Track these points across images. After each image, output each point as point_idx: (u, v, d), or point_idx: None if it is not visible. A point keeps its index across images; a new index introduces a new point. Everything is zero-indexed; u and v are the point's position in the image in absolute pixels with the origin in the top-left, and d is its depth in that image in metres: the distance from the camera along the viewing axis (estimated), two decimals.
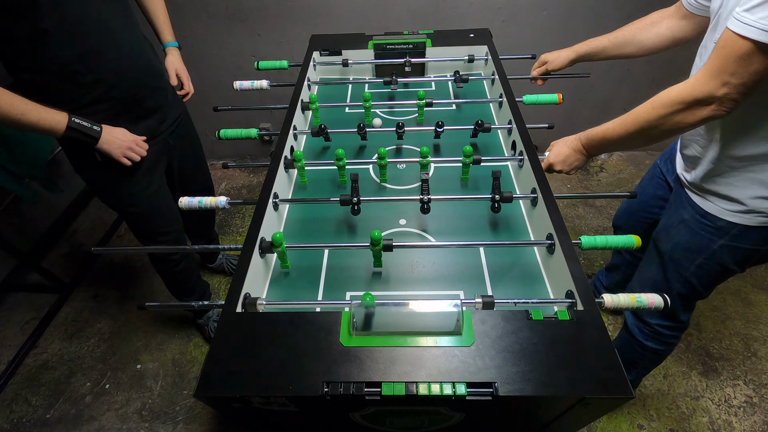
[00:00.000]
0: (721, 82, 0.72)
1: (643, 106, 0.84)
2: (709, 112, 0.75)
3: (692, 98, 0.75)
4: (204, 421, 1.55)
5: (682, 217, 1.02)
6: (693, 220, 0.99)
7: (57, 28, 0.96)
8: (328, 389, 0.63)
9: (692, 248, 1.01)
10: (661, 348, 1.24)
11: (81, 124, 1.04)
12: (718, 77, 0.72)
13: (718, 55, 0.72)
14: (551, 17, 1.99)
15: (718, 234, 0.95)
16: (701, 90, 0.74)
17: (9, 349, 1.81)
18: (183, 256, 1.52)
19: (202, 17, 2.01)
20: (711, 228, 0.96)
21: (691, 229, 1.00)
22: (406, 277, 0.94)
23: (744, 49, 0.68)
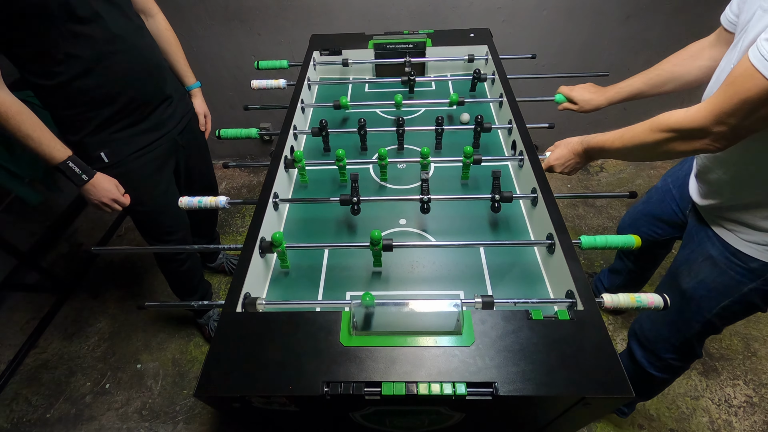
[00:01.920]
0: (717, 120, 0.68)
1: (642, 125, 0.82)
2: (702, 146, 0.73)
3: (686, 129, 0.73)
4: (204, 421, 1.55)
5: (707, 253, 0.94)
6: (722, 258, 0.91)
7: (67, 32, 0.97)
8: (328, 389, 0.63)
9: (719, 289, 0.93)
10: (672, 377, 1.21)
11: (73, 170, 1.08)
12: (717, 114, 0.68)
13: (725, 90, 0.67)
14: (551, 17, 1.99)
15: (750, 276, 0.87)
16: (697, 123, 0.71)
17: (9, 349, 1.81)
18: (188, 256, 1.52)
19: (202, 17, 2.01)
20: (743, 269, 0.88)
21: (719, 268, 0.91)
22: (406, 277, 0.94)
23: (755, 90, 0.62)
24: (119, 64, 1.07)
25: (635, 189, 2.33)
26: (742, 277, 0.88)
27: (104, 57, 1.05)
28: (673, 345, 1.10)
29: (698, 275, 0.97)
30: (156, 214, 1.34)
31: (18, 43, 0.96)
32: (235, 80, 2.27)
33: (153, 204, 1.31)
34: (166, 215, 1.36)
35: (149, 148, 1.24)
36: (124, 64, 1.09)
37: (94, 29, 1.01)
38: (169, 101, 1.27)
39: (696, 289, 0.98)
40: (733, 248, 0.88)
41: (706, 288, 0.95)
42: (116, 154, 1.18)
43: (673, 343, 1.10)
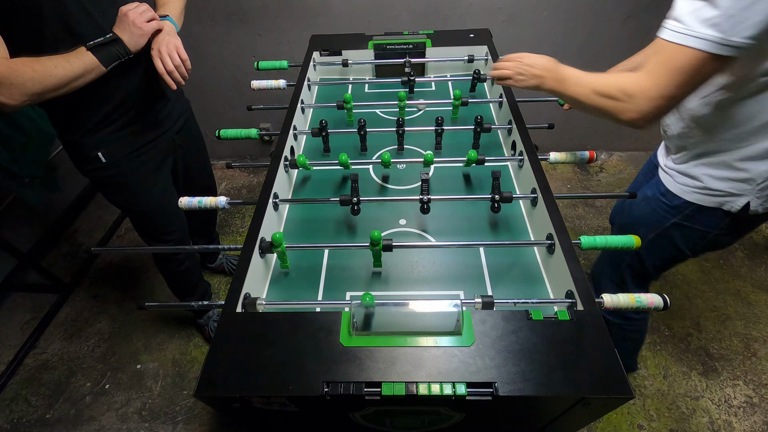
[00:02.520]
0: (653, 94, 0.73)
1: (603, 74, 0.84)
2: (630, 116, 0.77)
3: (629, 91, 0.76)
4: (204, 421, 1.55)
5: (646, 194, 1.07)
6: (653, 196, 1.03)
7: (60, 32, 0.97)
8: (328, 389, 0.63)
9: (647, 223, 1.05)
10: (625, 323, 1.27)
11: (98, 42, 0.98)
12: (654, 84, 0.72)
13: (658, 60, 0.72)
14: (551, 17, 1.99)
15: (672, 212, 0.99)
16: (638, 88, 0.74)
17: (9, 349, 1.81)
18: (187, 256, 1.52)
19: (202, 17, 2.01)
20: (668, 206, 1.00)
21: (649, 205, 1.04)
22: (406, 277, 0.94)
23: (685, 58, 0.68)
24: None
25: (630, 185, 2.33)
26: (666, 213, 1.00)
27: None
28: (612, 280, 1.22)
29: (634, 212, 1.09)
30: (153, 214, 1.34)
31: (10, 42, 0.96)
32: (235, 80, 2.27)
33: (150, 204, 1.31)
34: (163, 215, 1.36)
35: (146, 148, 1.24)
36: (120, 63, 1.08)
37: (87, 28, 1.00)
38: (165, 100, 1.27)
39: (631, 225, 1.10)
40: (665, 188, 1.00)
41: (638, 223, 1.08)
42: (113, 154, 1.17)
43: (612, 278, 1.22)
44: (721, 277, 1.90)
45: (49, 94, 0.94)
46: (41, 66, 0.92)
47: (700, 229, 0.98)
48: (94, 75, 0.99)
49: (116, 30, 1.01)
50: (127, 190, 1.25)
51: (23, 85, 0.90)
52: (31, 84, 0.91)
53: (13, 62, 0.91)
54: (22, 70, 0.90)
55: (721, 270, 1.93)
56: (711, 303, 1.81)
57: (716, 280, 1.90)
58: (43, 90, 0.93)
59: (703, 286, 1.88)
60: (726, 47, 0.65)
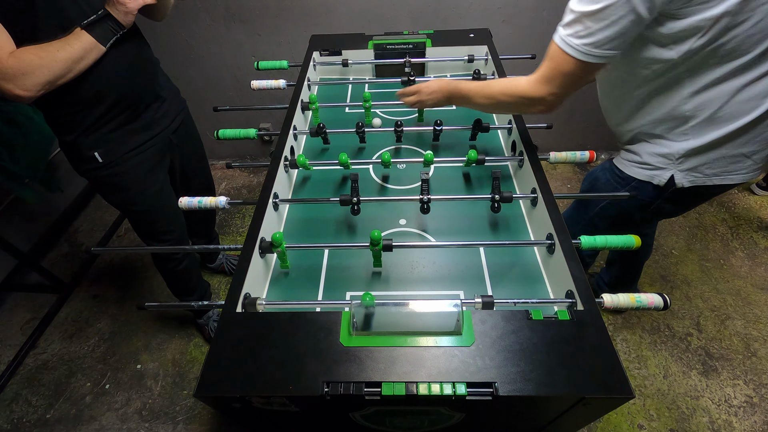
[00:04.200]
0: (548, 91, 0.87)
1: (498, 86, 0.98)
2: (540, 110, 0.93)
3: (529, 97, 0.91)
4: (204, 421, 1.55)
5: (603, 165, 1.20)
6: (609, 169, 1.15)
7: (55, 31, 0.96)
8: (328, 389, 0.63)
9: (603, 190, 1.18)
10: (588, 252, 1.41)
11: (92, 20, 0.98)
12: (547, 85, 0.87)
13: (549, 66, 0.86)
14: (551, 17, 1.98)
15: (621, 183, 1.11)
16: (536, 93, 0.89)
17: (9, 349, 1.81)
18: (185, 256, 1.52)
19: (202, 17, 2.01)
20: (618, 177, 1.11)
21: (605, 176, 1.16)
22: (406, 277, 0.94)
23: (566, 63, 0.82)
24: (108, 61, 1.07)
25: None
26: (617, 184, 1.12)
27: None
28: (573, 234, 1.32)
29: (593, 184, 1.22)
30: (151, 214, 1.34)
31: None
32: (235, 80, 2.27)
33: (148, 204, 1.31)
34: (161, 215, 1.36)
35: (143, 148, 1.24)
36: (113, 62, 1.08)
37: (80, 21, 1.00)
38: (161, 100, 1.27)
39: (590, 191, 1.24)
40: (613, 164, 1.14)
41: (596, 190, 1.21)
42: (110, 154, 1.17)
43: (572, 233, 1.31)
44: (721, 277, 1.90)
45: (59, 80, 0.96)
46: (45, 52, 0.93)
47: (644, 198, 1.09)
48: (94, 55, 1.00)
49: (107, 7, 1.02)
50: (125, 189, 1.25)
51: (34, 74, 0.92)
52: (40, 72, 0.92)
53: (20, 53, 0.92)
54: (30, 59, 0.91)
55: (721, 270, 1.93)
56: (711, 303, 1.81)
57: (716, 280, 1.90)
58: (52, 77, 0.94)
59: (703, 286, 1.88)
60: (594, 56, 0.79)
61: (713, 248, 2.03)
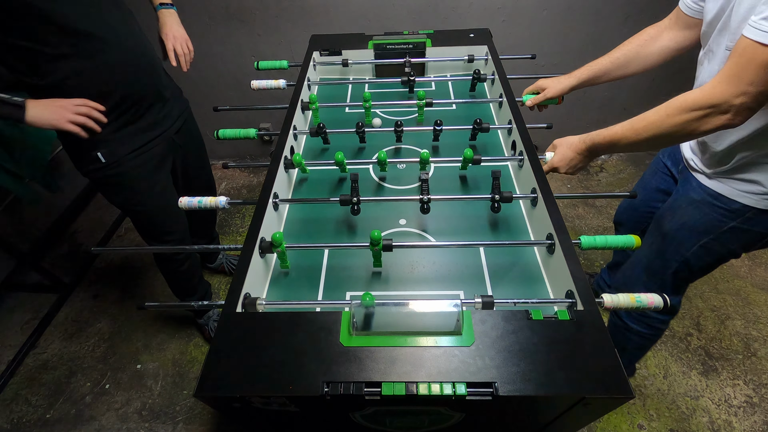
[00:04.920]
0: (739, 91, 0.71)
1: (655, 112, 0.82)
2: (724, 121, 0.74)
3: (708, 105, 0.74)
4: (204, 421, 1.55)
5: (691, 198, 1.01)
6: (704, 201, 0.98)
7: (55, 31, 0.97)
8: (328, 389, 0.63)
9: (700, 228, 1.00)
10: (648, 332, 1.24)
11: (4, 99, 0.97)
12: (736, 85, 0.71)
13: (737, 62, 0.71)
14: (551, 17, 1.99)
15: (731, 215, 0.94)
16: (719, 97, 0.73)
17: (9, 349, 1.81)
18: (187, 256, 1.52)
19: (202, 17, 2.01)
20: (724, 210, 0.95)
21: (701, 209, 0.99)
22: (406, 277, 0.94)
23: (764, 58, 0.67)
24: (110, 61, 1.07)
25: (635, 186, 2.33)
26: (723, 217, 0.95)
27: (94, 55, 1.04)
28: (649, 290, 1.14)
29: (681, 218, 1.03)
30: (154, 214, 1.34)
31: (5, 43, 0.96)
32: (235, 80, 2.27)
33: (150, 204, 1.31)
34: (163, 215, 1.36)
35: (146, 148, 1.24)
36: (115, 62, 1.08)
37: (83, 27, 1.00)
38: (164, 100, 1.27)
39: (678, 231, 1.04)
40: (716, 192, 0.95)
41: (687, 229, 1.02)
42: (113, 154, 1.17)
43: (649, 287, 1.14)
44: (721, 277, 1.90)
45: None
46: None
47: (760, 231, 0.96)
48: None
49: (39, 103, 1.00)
50: (127, 190, 1.25)
51: None
52: None
53: None
54: None
55: (721, 270, 1.93)
56: (711, 303, 1.81)
57: (716, 280, 1.90)
58: None
59: (703, 286, 1.88)
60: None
61: None
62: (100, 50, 1.05)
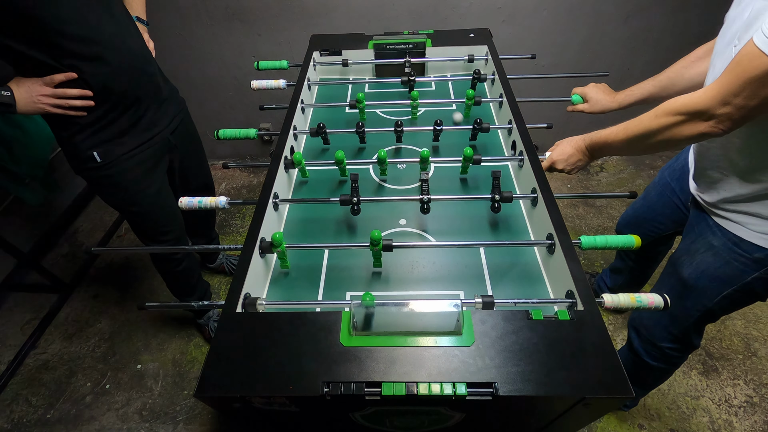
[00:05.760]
0: (724, 100, 0.69)
1: (646, 114, 0.83)
2: (705, 129, 0.73)
3: (692, 110, 0.74)
4: (204, 421, 1.55)
5: (709, 243, 0.94)
6: (724, 248, 0.91)
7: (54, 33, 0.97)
8: (328, 389, 0.63)
9: (722, 278, 0.93)
10: (667, 367, 1.21)
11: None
12: (722, 94, 0.69)
13: (732, 71, 0.69)
14: (551, 17, 1.99)
15: (754, 266, 0.87)
16: (703, 104, 0.72)
17: (9, 349, 1.81)
18: (185, 256, 1.52)
19: (202, 17, 2.01)
20: (746, 259, 0.88)
21: (721, 257, 0.92)
22: (406, 277, 0.94)
23: (757, 70, 0.64)
24: (109, 64, 1.07)
25: (635, 189, 2.33)
26: (746, 267, 0.88)
27: (94, 58, 1.05)
28: (671, 333, 1.10)
29: (700, 265, 0.96)
30: (150, 214, 1.34)
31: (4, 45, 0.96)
32: (235, 80, 2.27)
33: (146, 204, 1.31)
34: (159, 215, 1.36)
35: (142, 148, 1.24)
36: (114, 64, 1.08)
37: (82, 30, 1.00)
38: (161, 100, 1.27)
39: (698, 279, 0.98)
40: (737, 237, 0.88)
41: (707, 277, 0.96)
42: (108, 154, 1.17)
43: (671, 331, 1.10)
44: None
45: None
46: None
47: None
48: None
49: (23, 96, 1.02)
50: (123, 190, 1.25)
51: None
52: None
53: None
54: None
55: None
56: None
57: None
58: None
59: None
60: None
61: None
62: (99, 54, 1.05)
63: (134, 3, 1.30)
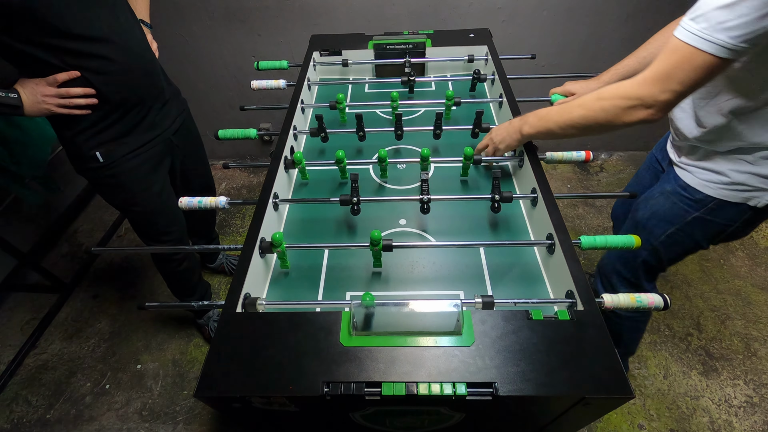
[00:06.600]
0: (666, 88, 0.73)
1: (587, 98, 0.85)
2: (646, 115, 0.77)
3: (637, 96, 0.76)
4: (204, 421, 1.55)
5: (663, 188, 1.06)
6: (673, 191, 1.03)
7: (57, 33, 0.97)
8: (328, 389, 0.63)
9: (667, 218, 1.05)
10: (635, 315, 1.29)
11: None
12: (664, 82, 0.73)
13: (668, 59, 0.72)
14: (551, 17, 1.99)
15: (695, 206, 0.99)
16: (646, 91, 0.75)
17: (9, 349, 1.81)
18: (186, 256, 1.52)
19: (202, 17, 2.01)
20: (689, 200, 1.00)
21: (669, 199, 1.03)
22: (406, 277, 0.94)
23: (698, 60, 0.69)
24: (112, 63, 1.07)
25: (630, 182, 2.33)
26: (688, 207, 1.00)
27: (97, 56, 1.05)
28: (624, 277, 1.21)
29: (652, 207, 1.08)
30: (151, 215, 1.34)
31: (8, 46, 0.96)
32: (235, 80, 2.27)
33: (148, 204, 1.31)
34: (161, 215, 1.36)
35: (144, 149, 1.24)
36: (118, 64, 1.08)
37: (85, 29, 1.00)
38: (163, 101, 1.27)
39: (648, 220, 1.09)
40: (685, 183, 1.00)
41: (656, 218, 1.07)
42: (111, 154, 1.17)
43: (624, 275, 1.21)
44: (721, 277, 1.90)
45: None
46: None
47: (722, 222, 0.99)
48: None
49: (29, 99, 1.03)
50: (125, 190, 1.25)
51: None
52: None
53: None
54: None
55: (721, 270, 1.93)
56: (711, 303, 1.81)
57: (716, 280, 1.90)
58: None
59: (703, 286, 1.88)
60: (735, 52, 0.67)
61: (713, 248, 2.03)
62: (103, 53, 1.05)
63: (138, 5, 1.30)
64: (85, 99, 1.07)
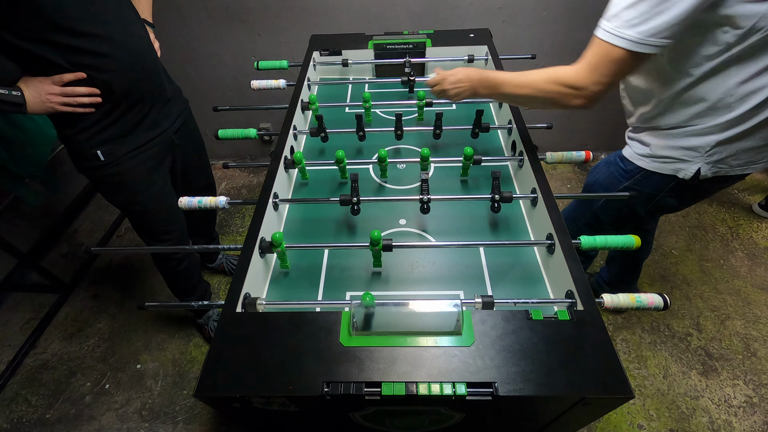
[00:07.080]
0: (596, 80, 0.81)
1: (538, 73, 0.90)
2: (580, 103, 0.85)
3: (575, 85, 0.83)
4: (204, 421, 1.55)
5: (608, 159, 1.17)
6: (613, 161, 1.13)
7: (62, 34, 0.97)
8: (328, 389, 0.63)
9: (605, 185, 1.16)
10: None
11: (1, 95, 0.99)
12: (594, 74, 0.81)
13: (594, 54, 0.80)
14: (551, 17, 1.98)
15: (626, 176, 1.09)
16: (582, 81, 0.82)
17: (9, 349, 1.81)
18: (186, 256, 1.52)
19: (202, 17, 2.01)
20: (623, 170, 1.09)
21: (609, 168, 1.14)
22: (406, 277, 0.94)
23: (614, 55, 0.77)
24: (115, 62, 1.07)
25: None
26: (621, 177, 1.10)
27: (100, 55, 1.04)
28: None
29: (596, 175, 1.20)
30: (152, 214, 1.34)
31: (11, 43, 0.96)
32: (235, 80, 2.27)
33: (148, 203, 1.31)
34: (161, 215, 1.36)
35: (145, 148, 1.24)
36: (120, 62, 1.08)
37: (90, 27, 1.00)
38: (165, 100, 1.27)
39: (592, 185, 1.22)
40: (622, 155, 1.11)
41: (597, 184, 1.19)
42: (112, 153, 1.17)
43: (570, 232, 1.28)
44: (721, 277, 1.90)
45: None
46: None
47: (647, 192, 1.07)
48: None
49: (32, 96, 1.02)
50: (126, 189, 1.25)
51: None
52: None
53: None
54: None
55: (721, 270, 1.93)
56: (711, 303, 1.81)
57: (716, 280, 1.90)
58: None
59: (703, 286, 1.88)
60: (645, 46, 0.75)
61: (713, 248, 2.03)
62: (106, 52, 1.05)
63: (141, 4, 1.29)
64: (89, 98, 1.06)
